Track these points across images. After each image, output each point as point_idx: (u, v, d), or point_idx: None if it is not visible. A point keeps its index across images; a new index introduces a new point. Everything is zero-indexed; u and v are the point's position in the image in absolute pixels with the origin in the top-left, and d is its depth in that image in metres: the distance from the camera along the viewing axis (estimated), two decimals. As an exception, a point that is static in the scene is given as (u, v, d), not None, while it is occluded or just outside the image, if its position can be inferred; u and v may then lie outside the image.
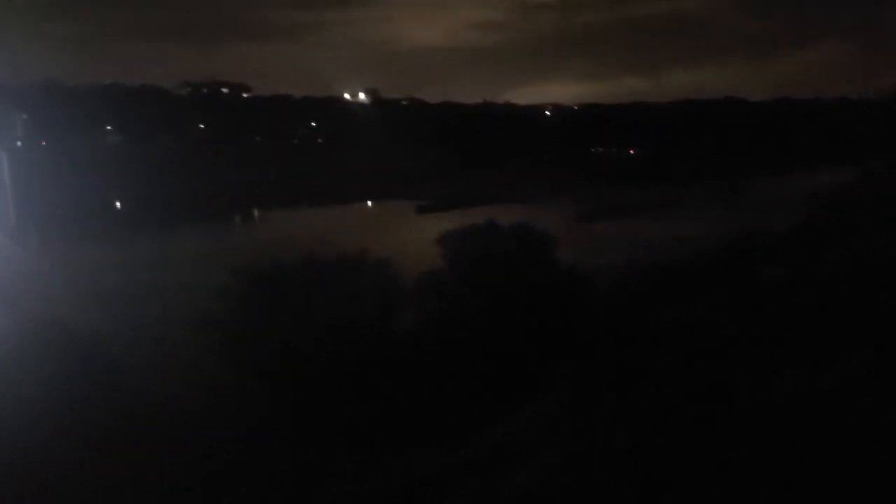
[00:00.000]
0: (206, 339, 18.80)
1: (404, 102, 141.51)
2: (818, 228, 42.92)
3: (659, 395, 14.97)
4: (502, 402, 16.04)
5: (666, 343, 18.53)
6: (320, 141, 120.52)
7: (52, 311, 28.21)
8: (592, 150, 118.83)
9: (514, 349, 17.61)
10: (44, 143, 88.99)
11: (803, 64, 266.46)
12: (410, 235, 44.05)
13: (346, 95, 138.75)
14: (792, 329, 21.61)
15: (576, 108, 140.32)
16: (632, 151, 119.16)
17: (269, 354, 17.30)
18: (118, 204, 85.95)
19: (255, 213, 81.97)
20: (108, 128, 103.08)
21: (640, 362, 16.50)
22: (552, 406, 15.51)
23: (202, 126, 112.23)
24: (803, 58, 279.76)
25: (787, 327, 21.72)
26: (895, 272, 28.34)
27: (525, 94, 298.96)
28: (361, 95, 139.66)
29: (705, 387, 16.14)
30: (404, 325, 19.28)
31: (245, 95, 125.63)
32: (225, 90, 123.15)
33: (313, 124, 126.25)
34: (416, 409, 15.95)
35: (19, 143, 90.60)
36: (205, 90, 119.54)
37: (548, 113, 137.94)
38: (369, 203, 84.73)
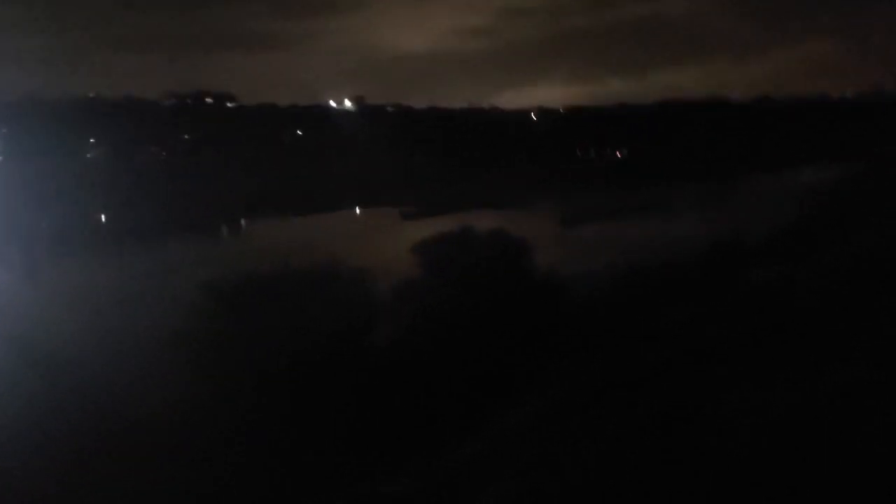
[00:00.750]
0: (187, 353, 18.55)
1: (390, 109, 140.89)
2: (805, 229, 42.94)
3: (644, 404, 14.79)
4: (483, 413, 15.82)
5: (651, 350, 18.37)
6: (306, 149, 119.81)
7: (35, 330, 27.88)
8: (578, 152, 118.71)
9: (494, 359, 17.39)
10: (24, 159, 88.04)
11: (786, 63, 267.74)
12: (393, 243, 43.82)
13: (332, 103, 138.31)
14: (781, 332, 21.50)
15: (561, 110, 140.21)
16: (618, 153, 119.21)
17: (247, 369, 17.01)
18: (103, 218, 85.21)
19: (243, 222, 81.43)
20: (91, 141, 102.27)
21: (624, 370, 16.34)
22: (534, 415, 15.30)
23: (187, 137, 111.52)
24: (786, 57, 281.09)
25: (776, 330, 21.61)
26: (882, 271, 28.38)
27: (511, 98, 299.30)
28: (347, 103, 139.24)
29: (692, 395, 15.94)
30: (381, 337, 19.01)
31: (230, 105, 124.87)
32: (209, 100, 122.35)
33: (299, 132, 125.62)
34: (397, 424, 15.69)
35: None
36: (189, 101, 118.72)
37: (533, 116, 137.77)
38: (357, 210, 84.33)
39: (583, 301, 23.61)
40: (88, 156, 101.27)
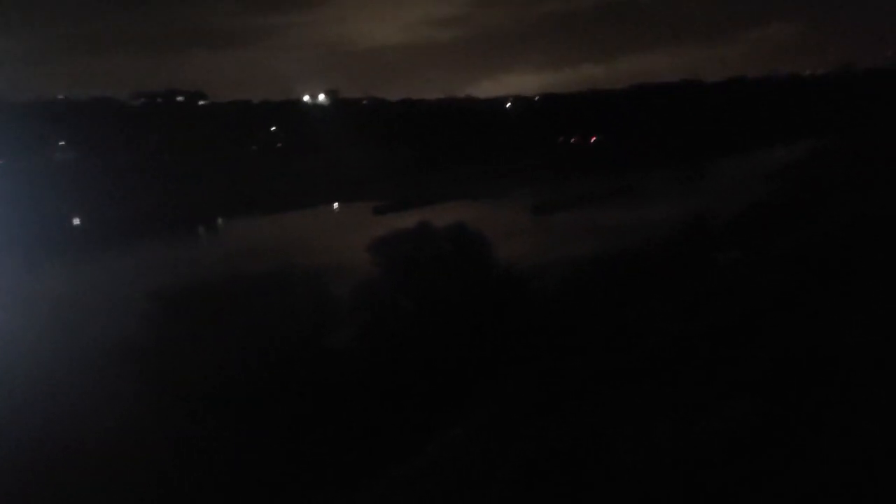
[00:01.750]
0: (151, 357, 18.22)
1: (364, 102, 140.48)
2: (774, 209, 43.06)
3: (605, 403, 14.51)
4: (440, 417, 15.55)
5: (622, 345, 18.06)
6: (281, 145, 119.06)
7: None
8: (552, 139, 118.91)
9: (450, 358, 17.09)
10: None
11: (756, 44, 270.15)
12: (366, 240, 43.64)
13: (306, 98, 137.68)
14: (748, 313, 21.36)
15: (535, 98, 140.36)
16: (591, 139, 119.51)
17: (206, 374, 16.65)
18: (76, 220, 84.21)
19: (219, 222, 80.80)
20: (60, 143, 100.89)
21: (593, 368, 15.98)
22: (492, 419, 15.03)
23: (158, 136, 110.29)
24: (756, 38, 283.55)
25: (743, 311, 21.47)
26: (848, 249, 28.40)
27: (486, 87, 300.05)
28: (321, 97, 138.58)
29: (665, 394, 15.69)
30: (335, 340, 18.65)
31: (201, 103, 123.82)
32: (180, 98, 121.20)
33: (273, 129, 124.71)
34: (354, 431, 15.41)
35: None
36: (159, 100, 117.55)
37: (508, 105, 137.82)
38: (335, 206, 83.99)
39: (553, 293, 23.38)
40: (57, 158, 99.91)
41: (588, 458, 11.91)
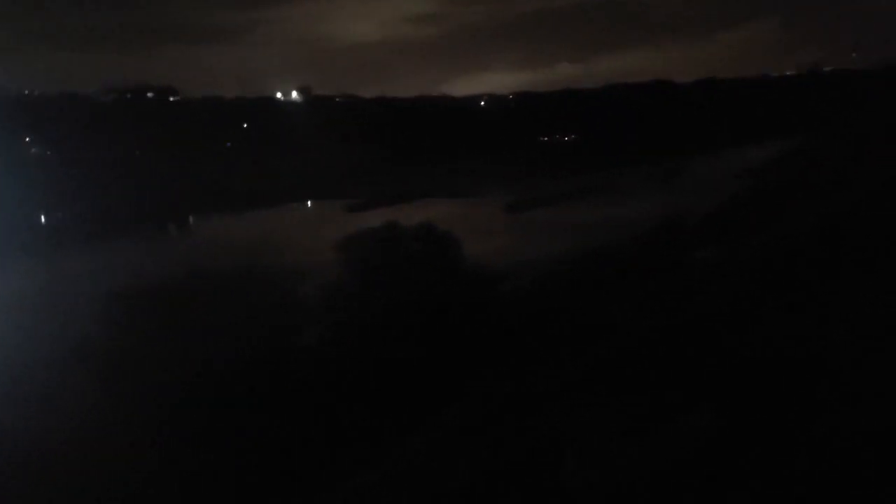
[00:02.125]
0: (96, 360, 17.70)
1: (339, 100, 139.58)
2: (747, 207, 43.15)
3: (577, 407, 14.16)
4: (409, 419, 15.12)
5: (588, 349, 17.74)
6: (253, 142, 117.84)
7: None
8: (527, 138, 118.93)
9: (420, 359, 16.66)
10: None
11: (729, 44, 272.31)
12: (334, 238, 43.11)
13: (279, 95, 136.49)
14: (723, 312, 21.17)
15: (510, 96, 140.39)
16: (566, 138, 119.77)
17: (166, 375, 16.12)
18: (43, 218, 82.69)
19: (190, 219, 79.80)
20: (26, 139, 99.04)
21: (555, 372, 15.63)
22: (461, 422, 14.61)
23: (128, 133, 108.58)
24: (729, 38, 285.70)
25: (716, 310, 21.28)
26: (822, 248, 28.36)
27: (460, 85, 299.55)
28: (294, 94, 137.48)
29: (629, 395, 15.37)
30: (305, 340, 18.21)
31: (172, 99, 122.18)
32: (151, 94, 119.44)
33: (245, 126, 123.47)
34: (320, 432, 14.96)
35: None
36: (129, 95, 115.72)
37: (482, 103, 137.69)
38: (309, 203, 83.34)
39: (527, 292, 23.05)
40: (23, 154, 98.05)
41: (556, 464, 11.55)
